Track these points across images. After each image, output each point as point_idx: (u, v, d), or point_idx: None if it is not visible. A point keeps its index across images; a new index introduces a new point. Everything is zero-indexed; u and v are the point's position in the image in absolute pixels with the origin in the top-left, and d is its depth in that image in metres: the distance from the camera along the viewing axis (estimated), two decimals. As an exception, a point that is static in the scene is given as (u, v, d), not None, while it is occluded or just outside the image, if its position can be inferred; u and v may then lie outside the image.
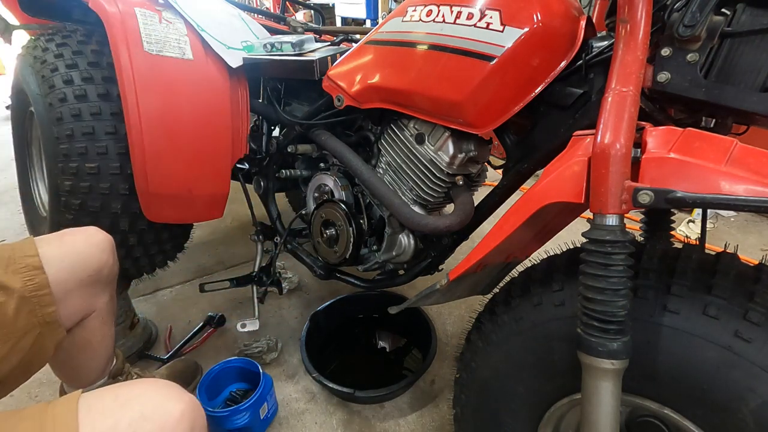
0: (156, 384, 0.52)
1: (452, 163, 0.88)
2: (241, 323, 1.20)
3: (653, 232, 0.83)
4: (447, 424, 1.09)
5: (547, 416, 0.68)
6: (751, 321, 0.49)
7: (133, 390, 0.50)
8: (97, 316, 0.81)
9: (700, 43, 0.58)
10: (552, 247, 0.76)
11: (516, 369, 0.68)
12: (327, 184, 1.13)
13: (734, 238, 1.97)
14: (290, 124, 1.15)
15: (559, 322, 0.62)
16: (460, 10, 0.76)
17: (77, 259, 0.73)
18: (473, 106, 0.77)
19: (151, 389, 0.50)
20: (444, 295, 0.75)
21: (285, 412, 1.13)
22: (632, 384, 0.56)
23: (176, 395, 0.51)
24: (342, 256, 1.07)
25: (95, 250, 0.76)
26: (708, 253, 0.61)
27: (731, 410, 0.50)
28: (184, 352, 1.31)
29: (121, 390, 0.50)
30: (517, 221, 0.58)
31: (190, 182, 1.08)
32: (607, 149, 0.49)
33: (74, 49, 1.03)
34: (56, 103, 0.98)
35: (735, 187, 0.44)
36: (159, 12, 1.05)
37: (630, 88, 0.53)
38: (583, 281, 0.52)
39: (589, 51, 0.72)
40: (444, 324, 1.45)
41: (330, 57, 1.03)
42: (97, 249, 0.77)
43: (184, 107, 1.04)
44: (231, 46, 1.14)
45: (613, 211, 0.49)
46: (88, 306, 0.78)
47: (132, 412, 0.47)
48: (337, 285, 1.57)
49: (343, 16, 4.33)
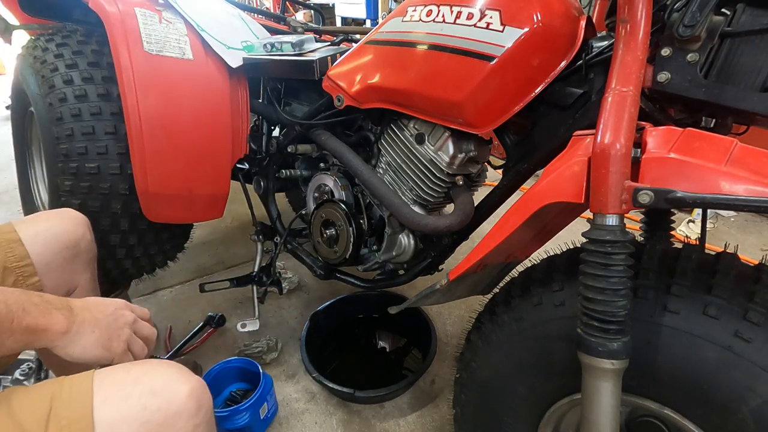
0: (167, 364, 0.54)
1: (452, 163, 0.88)
2: (241, 323, 1.20)
3: (653, 232, 0.83)
4: (447, 424, 1.09)
5: (547, 416, 0.68)
6: (751, 321, 0.49)
7: (144, 367, 0.52)
8: (79, 294, 0.82)
9: (700, 43, 0.58)
10: (552, 247, 0.76)
11: (516, 369, 0.68)
12: (327, 184, 1.13)
13: (734, 238, 1.97)
14: (290, 124, 1.15)
15: (559, 322, 0.62)
16: (460, 10, 0.76)
17: (53, 233, 0.76)
18: (473, 106, 0.77)
19: (162, 368, 0.53)
20: (444, 295, 0.75)
21: (285, 412, 1.13)
22: (632, 384, 0.56)
23: (185, 376, 0.53)
24: (342, 256, 1.07)
25: (69, 224, 0.79)
26: (708, 253, 0.60)
27: (731, 410, 0.50)
28: (184, 352, 1.31)
29: (134, 367, 0.53)
30: (517, 221, 0.58)
31: (190, 182, 1.08)
32: (607, 149, 0.49)
33: (74, 49, 1.03)
34: (56, 103, 0.98)
35: (735, 187, 0.44)
36: (159, 12, 1.05)
37: (630, 88, 0.53)
38: (583, 281, 0.52)
39: (589, 51, 0.72)
40: (444, 324, 1.45)
41: (330, 57, 1.03)
42: (72, 223, 0.79)
43: (184, 107, 1.04)
44: (231, 46, 1.14)
45: (613, 211, 0.49)
46: (70, 280, 0.80)
47: (142, 386, 0.49)
48: (337, 285, 1.57)
49: (343, 16, 4.33)
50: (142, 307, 0.66)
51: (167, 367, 0.53)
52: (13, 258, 0.69)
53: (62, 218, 0.79)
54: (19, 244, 0.70)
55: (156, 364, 0.53)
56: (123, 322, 0.59)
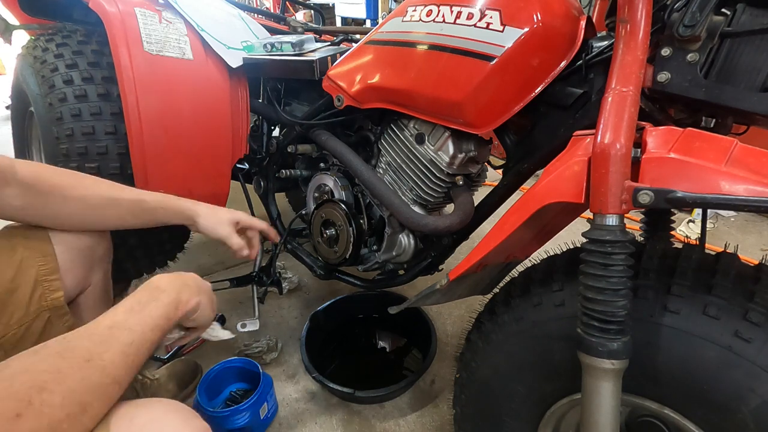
0: (173, 411, 0.52)
1: (452, 163, 0.88)
2: (241, 323, 1.20)
3: (653, 232, 0.83)
4: (447, 424, 1.09)
5: (547, 416, 0.68)
6: (751, 321, 0.49)
7: (151, 414, 0.50)
8: (91, 292, 0.83)
9: (700, 43, 0.58)
10: (552, 247, 0.76)
11: (516, 369, 0.68)
12: (327, 184, 1.13)
13: (734, 238, 1.97)
14: (290, 124, 1.15)
15: (559, 322, 0.62)
16: (460, 10, 0.76)
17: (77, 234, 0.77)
18: (473, 106, 0.77)
19: (168, 416, 0.50)
20: (444, 295, 0.75)
21: (285, 412, 1.13)
22: (632, 384, 0.56)
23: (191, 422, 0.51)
24: (342, 256, 1.07)
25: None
26: (708, 253, 0.60)
27: (731, 410, 0.50)
28: (185, 352, 1.31)
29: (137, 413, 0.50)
30: (517, 221, 0.58)
31: (190, 182, 1.08)
32: (607, 149, 0.49)
33: (74, 49, 1.03)
34: (56, 103, 0.98)
35: (735, 187, 0.44)
36: (159, 12, 1.05)
37: (630, 88, 0.53)
38: (583, 281, 0.52)
39: (589, 51, 0.72)
40: (444, 324, 1.45)
41: (330, 57, 1.03)
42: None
43: (184, 107, 1.04)
44: (231, 46, 1.14)
45: (613, 211, 0.49)
46: (84, 278, 0.80)
47: None
48: (337, 285, 1.58)
49: (343, 16, 4.33)
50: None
51: (173, 415, 0.51)
52: (45, 271, 0.70)
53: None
54: (52, 258, 0.72)
55: (162, 411, 0.51)
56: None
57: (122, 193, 0.79)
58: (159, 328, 0.54)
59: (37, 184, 0.69)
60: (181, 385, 1.14)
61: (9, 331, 0.65)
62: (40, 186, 0.69)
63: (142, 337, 0.52)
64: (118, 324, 0.51)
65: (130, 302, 0.55)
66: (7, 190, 0.66)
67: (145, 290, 0.57)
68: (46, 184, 0.70)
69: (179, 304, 0.58)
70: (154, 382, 1.08)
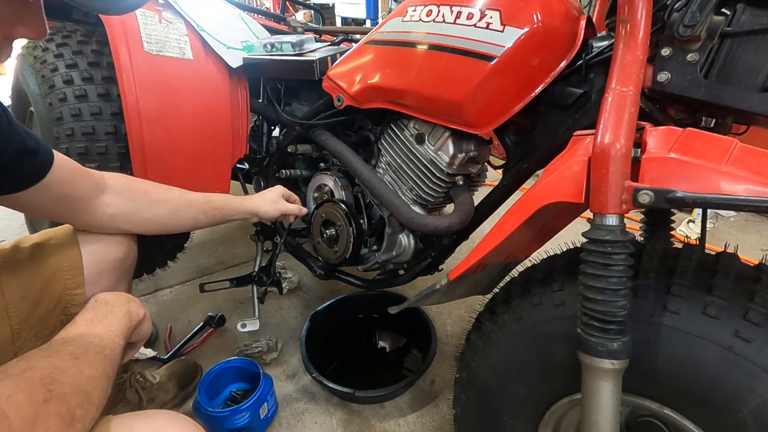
0: (174, 423, 0.52)
1: (452, 163, 0.88)
2: (241, 323, 1.20)
3: (653, 232, 0.83)
4: (447, 424, 1.09)
5: (548, 416, 0.68)
6: (751, 321, 0.49)
7: (151, 425, 0.51)
8: None
9: (700, 43, 0.58)
10: (552, 247, 0.76)
11: (516, 369, 0.68)
12: (327, 184, 1.13)
13: (734, 238, 1.97)
14: (290, 124, 1.15)
15: (559, 322, 0.62)
16: (460, 10, 0.76)
17: (110, 241, 0.76)
18: (473, 106, 0.77)
19: (168, 428, 0.52)
20: (444, 295, 0.75)
21: (285, 412, 1.13)
22: (632, 384, 0.56)
23: None
24: (342, 256, 1.07)
25: (125, 236, 0.79)
26: (708, 253, 0.60)
27: (731, 410, 0.50)
28: (185, 352, 1.31)
29: (137, 425, 0.51)
30: (517, 221, 0.58)
31: (190, 182, 1.07)
32: (607, 149, 0.49)
33: (74, 49, 1.03)
34: (56, 103, 0.98)
35: (735, 187, 0.44)
36: (159, 12, 1.05)
37: (630, 88, 0.53)
38: (583, 281, 0.52)
39: (589, 51, 0.72)
40: (444, 324, 1.45)
41: (330, 57, 1.03)
42: (125, 238, 0.79)
43: (184, 107, 1.04)
44: (231, 46, 1.14)
45: (613, 211, 0.49)
46: (110, 289, 0.78)
47: None
48: (337, 285, 1.58)
49: (343, 16, 4.33)
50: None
51: (173, 426, 0.52)
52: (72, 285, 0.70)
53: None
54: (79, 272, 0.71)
55: (162, 422, 0.52)
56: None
57: (192, 195, 0.84)
58: (122, 335, 0.58)
59: (127, 191, 0.74)
60: (181, 385, 1.14)
61: (27, 344, 0.65)
62: (129, 193, 0.74)
63: (112, 341, 0.55)
64: (85, 333, 0.54)
65: (86, 317, 0.58)
66: (103, 197, 0.71)
67: (97, 306, 0.61)
68: (134, 190, 0.75)
69: (131, 315, 0.62)
70: (154, 382, 1.08)
